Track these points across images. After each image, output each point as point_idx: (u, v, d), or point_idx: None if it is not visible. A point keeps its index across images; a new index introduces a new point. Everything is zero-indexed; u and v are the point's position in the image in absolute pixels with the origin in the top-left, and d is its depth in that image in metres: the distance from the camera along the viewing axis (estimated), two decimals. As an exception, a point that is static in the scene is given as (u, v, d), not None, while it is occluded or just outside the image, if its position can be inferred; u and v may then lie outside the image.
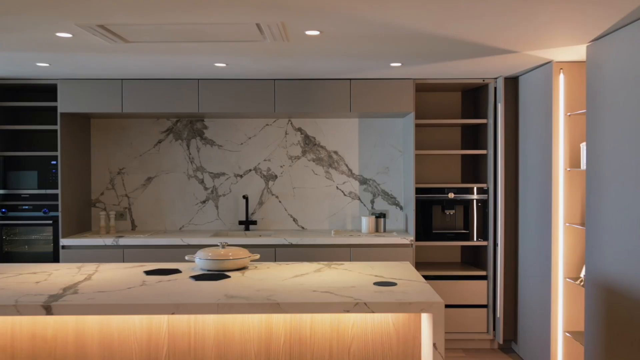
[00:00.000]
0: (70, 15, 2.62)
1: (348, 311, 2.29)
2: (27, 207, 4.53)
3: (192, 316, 2.49)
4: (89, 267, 3.10)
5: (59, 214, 4.44)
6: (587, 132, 3.29)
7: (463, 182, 4.99)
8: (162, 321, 2.49)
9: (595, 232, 3.19)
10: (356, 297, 2.36)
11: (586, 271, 3.32)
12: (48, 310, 2.27)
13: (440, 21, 2.74)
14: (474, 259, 4.88)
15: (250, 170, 4.99)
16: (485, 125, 4.63)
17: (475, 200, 4.62)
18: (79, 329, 2.49)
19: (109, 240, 4.38)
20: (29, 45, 3.26)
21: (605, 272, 3.09)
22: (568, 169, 3.75)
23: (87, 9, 2.52)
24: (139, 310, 2.29)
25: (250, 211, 4.98)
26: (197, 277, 2.78)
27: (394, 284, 2.63)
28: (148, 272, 2.93)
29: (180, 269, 3.03)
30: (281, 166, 4.99)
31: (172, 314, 2.29)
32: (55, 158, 4.51)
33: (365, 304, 2.29)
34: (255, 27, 2.80)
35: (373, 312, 2.29)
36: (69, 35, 2.99)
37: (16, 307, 2.27)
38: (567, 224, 3.75)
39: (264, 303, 2.30)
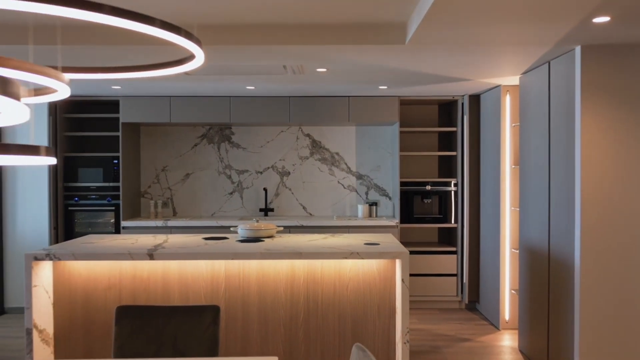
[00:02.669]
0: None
1: (346, 258, 3.50)
2: (94, 196, 5.76)
3: (241, 264, 3.70)
4: (161, 236, 4.31)
5: (120, 202, 5.66)
6: (519, 139, 4.51)
7: (439, 177, 6.21)
8: (220, 267, 3.70)
9: (525, 212, 4.41)
10: (351, 250, 3.56)
11: (520, 241, 4.54)
12: (151, 256, 3.48)
13: (411, 63, 3.95)
14: (449, 239, 6.10)
15: (268, 167, 6.21)
16: (455, 132, 5.85)
17: (447, 191, 5.84)
18: (165, 272, 3.70)
19: (159, 223, 5.60)
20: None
21: (529, 240, 4.31)
22: (513, 167, 4.97)
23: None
24: (210, 256, 3.51)
25: (268, 201, 6.19)
26: (241, 241, 4.00)
27: (378, 244, 3.84)
28: (206, 238, 4.14)
29: (227, 236, 4.24)
30: (293, 165, 6.21)
31: (232, 259, 3.50)
32: (116, 158, 5.73)
33: (357, 253, 3.50)
34: (282, 66, 4.02)
35: (362, 258, 3.50)
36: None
37: (130, 254, 3.49)
38: (512, 208, 4.97)
39: (291, 252, 3.51)
